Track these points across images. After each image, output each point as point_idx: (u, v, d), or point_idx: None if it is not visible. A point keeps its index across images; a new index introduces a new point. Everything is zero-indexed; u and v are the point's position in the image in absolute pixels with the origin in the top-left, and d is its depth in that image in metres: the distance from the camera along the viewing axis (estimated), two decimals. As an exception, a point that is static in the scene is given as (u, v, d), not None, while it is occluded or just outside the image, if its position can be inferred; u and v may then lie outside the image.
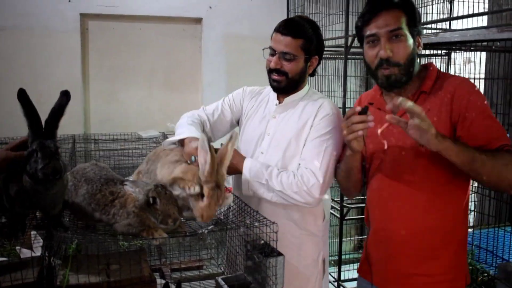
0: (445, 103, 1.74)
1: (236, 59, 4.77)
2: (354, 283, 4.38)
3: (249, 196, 2.13)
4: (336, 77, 4.72)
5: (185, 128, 2.16)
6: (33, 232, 1.85)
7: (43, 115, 1.55)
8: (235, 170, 2.11)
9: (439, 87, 1.79)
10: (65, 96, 1.61)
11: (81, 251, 1.74)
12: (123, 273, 1.66)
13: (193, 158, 1.84)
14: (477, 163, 1.60)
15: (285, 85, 2.16)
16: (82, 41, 4.43)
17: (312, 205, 2.09)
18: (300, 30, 2.12)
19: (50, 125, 1.57)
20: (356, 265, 4.59)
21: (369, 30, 1.82)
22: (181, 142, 2.07)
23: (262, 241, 1.77)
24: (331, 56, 4.68)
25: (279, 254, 1.72)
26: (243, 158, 2.13)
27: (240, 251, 1.93)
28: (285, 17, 4.76)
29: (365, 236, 5.19)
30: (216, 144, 2.13)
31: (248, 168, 2.08)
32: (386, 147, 1.81)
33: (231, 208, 2.07)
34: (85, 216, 1.79)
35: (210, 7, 4.69)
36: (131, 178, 2.10)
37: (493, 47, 3.08)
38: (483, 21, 3.50)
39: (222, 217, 2.11)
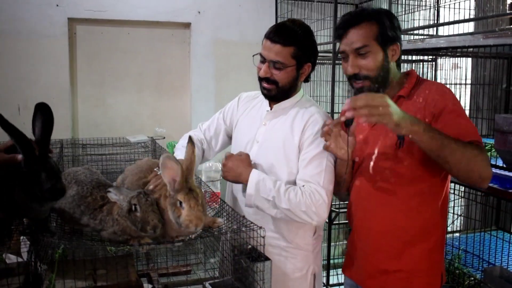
0: (419, 106, 1.82)
1: (225, 64, 4.78)
2: (342, 288, 4.38)
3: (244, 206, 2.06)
4: (324, 82, 4.75)
5: (179, 151, 2.17)
6: (22, 237, 1.83)
7: (29, 120, 1.53)
8: (236, 180, 2.04)
9: (416, 92, 1.88)
10: (46, 110, 1.58)
11: (67, 256, 1.73)
12: (109, 278, 1.66)
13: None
14: (446, 151, 1.63)
15: (276, 93, 2.10)
16: (70, 46, 4.41)
17: (317, 224, 2.07)
18: (291, 37, 2.02)
19: (44, 144, 1.55)
20: (344, 270, 4.63)
21: (340, 47, 1.93)
22: None
23: (250, 246, 1.78)
24: (320, 61, 4.71)
25: (267, 259, 1.72)
26: (250, 169, 2.01)
27: (227, 256, 1.93)
28: (273, 22, 4.77)
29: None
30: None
31: (254, 182, 1.96)
32: (375, 155, 1.93)
33: (219, 213, 2.07)
34: (73, 220, 1.79)
35: (199, 12, 4.70)
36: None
37: (479, 53, 3.11)
38: (469, 27, 3.55)
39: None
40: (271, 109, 2.19)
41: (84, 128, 4.54)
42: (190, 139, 1.74)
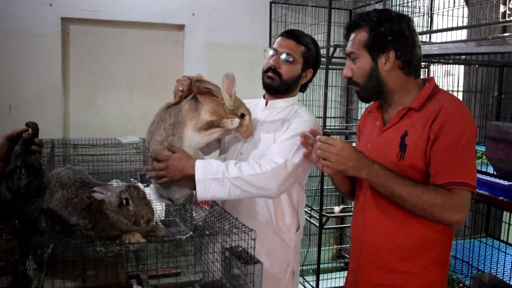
0: (428, 123, 1.73)
1: (218, 66, 4.77)
2: (332, 292, 4.40)
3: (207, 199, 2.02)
4: (317, 86, 4.76)
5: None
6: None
7: (20, 119, 1.54)
8: (183, 175, 1.95)
9: (429, 104, 1.79)
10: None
11: (56, 256, 1.72)
12: (99, 279, 1.65)
13: (180, 87, 2.22)
14: (396, 198, 1.70)
15: (278, 85, 2.22)
16: (63, 45, 4.38)
17: (274, 196, 2.01)
18: (303, 39, 2.25)
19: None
20: (334, 274, 4.64)
21: None
22: None
23: (240, 248, 1.77)
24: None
25: (257, 261, 1.72)
26: (192, 160, 1.96)
27: (218, 258, 1.93)
28: (267, 26, 4.80)
29: (344, 245, 5.23)
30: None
31: (201, 166, 1.93)
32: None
33: (211, 214, 2.06)
34: (61, 221, 1.78)
35: (193, 14, 4.70)
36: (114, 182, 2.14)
37: (471, 61, 3.13)
38: (462, 35, 3.57)
39: (201, 223, 2.10)
40: (266, 106, 2.30)
41: (75, 128, 4.51)
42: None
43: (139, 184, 2.75)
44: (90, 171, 3.47)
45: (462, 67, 3.85)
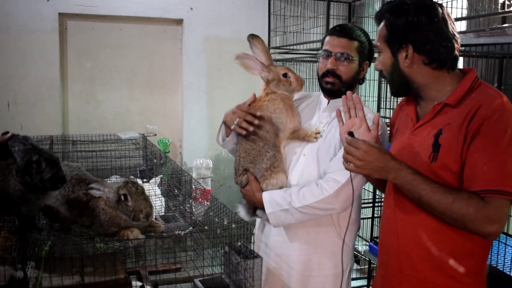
0: (465, 121, 1.53)
1: (217, 60, 4.76)
2: None
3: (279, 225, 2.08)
4: (317, 80, 4.74)
5: None
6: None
7: (19, 115, 1.53)
8: (254, 204, 2.09)
9: (467, 100, 1.58)
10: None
11: (54, 253, 1.71)
12: (97, 276, 1.64)
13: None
14: (424, 205, 1.55)
15: (339, 88, 2.11)
16: (61, 41, 4.37)
17: (341, 210, 2.01)
18: (354, 33, 2.11)
19: None
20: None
21: None
22: None
23: (239, 243, 1.77)
24: (312, 59, 4.70)
25: (257, 256, 1.71)
26: (260, 194, 2.05)
27: (218, 253, 1.92)
28: (266, 19, 4.79)
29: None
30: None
31: (268, 202, 2.02)
32: None
33: (210, 209, 2.06)
34: (59, 218, 1.77)
35: (191, 9, 4.68)
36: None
37: (471, 52, 3.11)
38: (461, 26, 3.54)
39: (200, 218, 2.10)
40: (327, 106, 2.20)
41: (74, 124, 4.51)
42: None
43: (138, 180, 2.75)
44: (89, 167, 3.46)
45: (461, 58, 3.83)
